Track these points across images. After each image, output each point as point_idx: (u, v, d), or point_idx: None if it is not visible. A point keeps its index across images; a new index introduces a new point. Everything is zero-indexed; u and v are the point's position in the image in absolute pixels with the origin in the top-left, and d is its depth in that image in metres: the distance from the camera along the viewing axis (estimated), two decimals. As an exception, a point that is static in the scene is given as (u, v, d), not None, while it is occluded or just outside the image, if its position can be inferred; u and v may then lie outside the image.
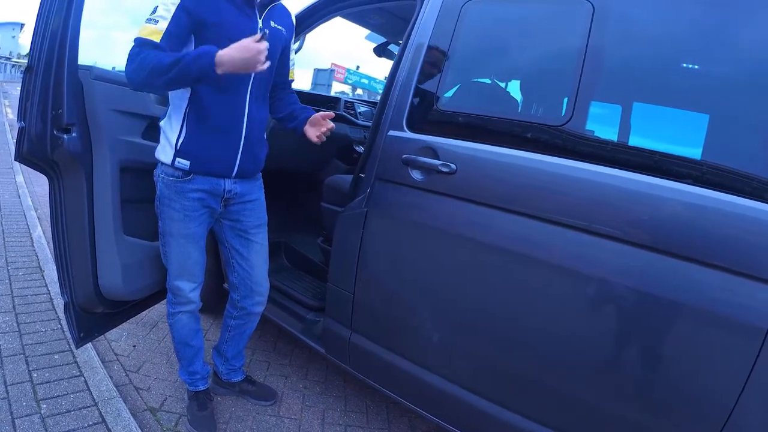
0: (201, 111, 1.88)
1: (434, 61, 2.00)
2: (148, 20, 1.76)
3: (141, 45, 1.74)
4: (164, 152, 1.95)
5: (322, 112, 2.10)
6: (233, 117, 1.94)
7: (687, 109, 1.58)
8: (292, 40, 2.22)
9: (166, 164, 1.95)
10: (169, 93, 1.94)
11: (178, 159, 1.91)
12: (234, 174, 2.01)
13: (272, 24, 2.00)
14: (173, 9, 1.74)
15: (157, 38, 1.74)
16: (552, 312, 1.63)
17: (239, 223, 2.16)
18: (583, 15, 1.65)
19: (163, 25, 1.74)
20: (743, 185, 1.35)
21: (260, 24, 1.93)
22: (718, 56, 1.49)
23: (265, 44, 1.67)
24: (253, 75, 1.92)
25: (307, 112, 2.18)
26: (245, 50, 1.65)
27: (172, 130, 1.93)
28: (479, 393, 1.83)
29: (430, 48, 2.01)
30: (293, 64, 2.29)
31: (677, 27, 1.53)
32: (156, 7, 1.77)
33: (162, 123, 1.98)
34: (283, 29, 2.07)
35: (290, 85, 2.32)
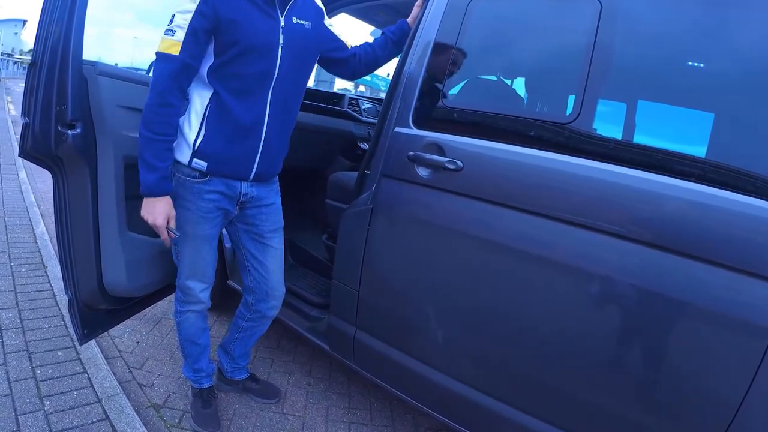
0: (222, 112, 1.85)
1: (440, 58, 1.98)
2: (167, 32, 1.76)
3: (163, 61, 1.76)
4: (181, 151, 1.91)
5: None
6: (254, 119, 1.89)
7: (692, 107, 1.57)
8: (325, 20, 2.15)
9: (182, 164, 1.91)
10: (190, 92, 1.90)
11: (195, 159, 1.88)
12: (251, 177, 1.98)
13: (294, 20, 1.93)
14: (189, 17, 1.72)
15: (175, 51, 1.74)
16: (558, 310, 1.62)
17: (254, 227, 2.13)
18: (591, 13, 1.64)
19: (180, 35, 1.73)
20: (748, 184, 1.34)
21: (282, 23, 1.87)
22: (724, 55, 1.48)
23: (163, 235, 1.89)
24: (274, 79, 1.88)
25: (397, 28, 2.29)
26: (152, 222, 1.86)
27: (190, 130, 1.88)
28: (485, 391, 1.82)
29: (436, 45, 1.99)
30: (340, 35, 2.23)
31: (683, 25, 1.53)
32: (173, 16, 1.76)
33: (180, 121, 1.91)
34: (308, 23, 1.99)
35: (356, 48, 2.28)
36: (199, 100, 1.88)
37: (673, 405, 1.44)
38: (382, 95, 4.74)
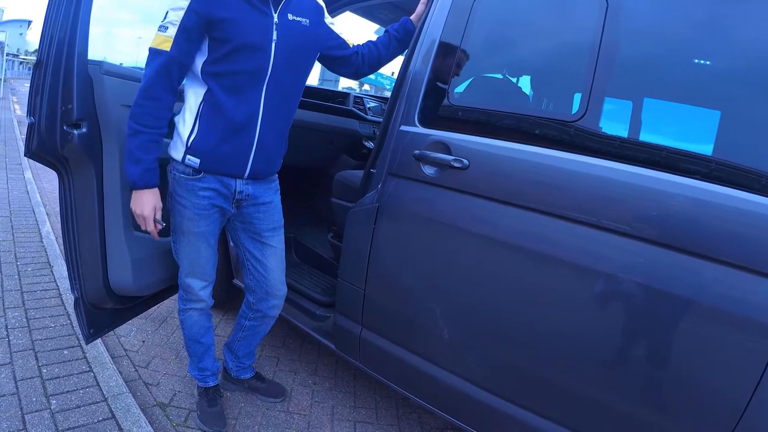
0: (215, 109, 1.85)
1: (446, 56, 1.98)
2: (160, 28, 1.77)
3: (154, 56, 1.78)
4: (175, 149, 1.92)
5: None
6: (247, 117, 1.88)
7: (698, 105, 1.57)
8: (325, 17, 2.13)
9: (176, 161, 1.92)
10: (185, 90, 1.92)
11: (188, 156, 1.88)
12: (246, 175, 1.97)
13: (290, 17, 1.92)
14: (182, 14, 1.73)
15: (167, 47, 1.75)
16: (565, 309, 1.62)
17: (252, 225, 2.12)
18: (597, 11, 1.64)
19: (172, 31, 1.74)
20: (755, 182, 1.33)
21: (276, 19, 1.87)
22: (730, 52, 1.47)
23: (151, 228, 1.94)
24: (267, 76, 1.88)
25: (401, 26, 2.27)
26: (139, 213, 1.90)
27: (184, 127, 1.89)
28: (491, 390, 1.82)
29: (441, 43, 1.99)
30: (342, 33, 2.21)
31: (690, 23, 1.52)
32: (167, 13, 1.76)
33: (176, 118, 1.95)
34: (305, 19, 1.98)
35: (358, 46, 2.27)
36: (194, 97, 1.89)
37: (679, 404, 1.43)
38: (387, 94, 4.73)
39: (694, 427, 1.42)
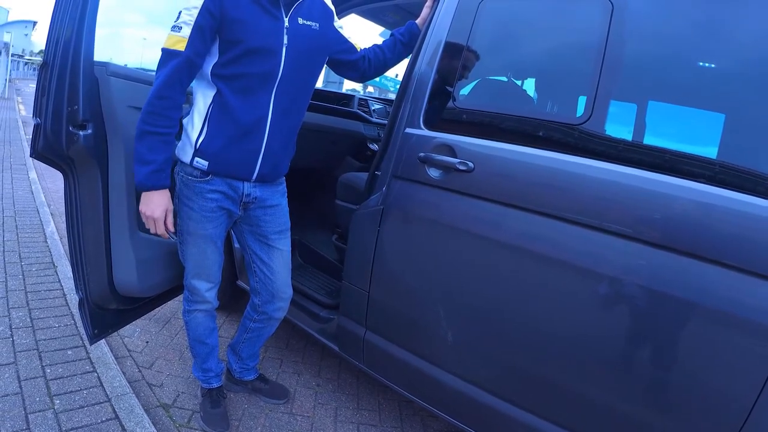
0: (224, 111, 1.84)
1: (451, 59, 1.98)
2: (173, 28, 1.76)
3: (168, 57, 1.76)
4: (184, 151, 1.92)
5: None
6: (255, 120, 1.88)
7: (703, 108, 1.56)
8: (334, 21, 2.13)
9: (185, 163, 1.92)
10: (194, 92, 1.91)
11: (196, 158, 1.88)
12: (254, 178, 1.97)
13: (300, 21, 1.92)
14: (196, 13, 1.72)
15: (181, 47, 1.74)
16: (569, 312, 1.61)
17: (259, 228, 2.12)
18: (602, 13, 1.63)
19: (187, 31, 1.73)
20: (759, 185, 1.33)
21: (286, 23, 1.87)
22: (733, 56, 1.46)
23: (160, 229, 1.87)
24: (277, 80, 1.87)
25: (406, 29, 2.29)
26: (150, 214, 1.84)
27: (193, 129, 1.89)
28: (494, 392, 1.82)
29: (446, 45, 1.99)
30: (350, 37, 2.21)
31: (695, 25, 1.51)
32: (180, 13, 1.76)
33: (184, 121, 1.94)
34: (314, 23, 1.98)
35: (365, 50, 2.28)
36: (203, 99, 1.88)
37: (684, 407, 1.43)
38: (391, 96, 4.73)
39: (699, 430, 1.42)
